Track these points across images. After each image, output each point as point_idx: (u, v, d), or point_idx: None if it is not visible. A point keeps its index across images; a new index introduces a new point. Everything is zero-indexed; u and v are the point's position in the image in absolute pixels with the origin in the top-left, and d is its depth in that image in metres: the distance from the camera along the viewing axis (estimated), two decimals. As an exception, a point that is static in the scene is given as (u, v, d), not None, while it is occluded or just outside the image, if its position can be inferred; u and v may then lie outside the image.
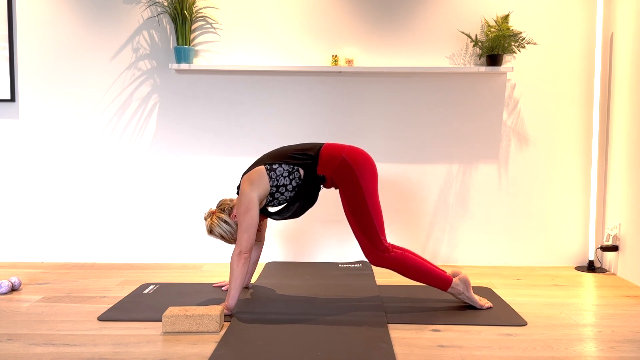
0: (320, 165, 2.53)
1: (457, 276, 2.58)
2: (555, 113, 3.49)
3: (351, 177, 2.50)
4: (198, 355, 2.03)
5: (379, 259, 2.51)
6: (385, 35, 3.47)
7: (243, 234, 2.46)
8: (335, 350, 2.06)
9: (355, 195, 2.50)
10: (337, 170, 2.51)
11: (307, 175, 2.54)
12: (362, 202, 2.49)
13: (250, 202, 2.47)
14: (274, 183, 2.52)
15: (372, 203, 2.51)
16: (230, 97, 3.51)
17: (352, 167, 2.50)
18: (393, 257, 2.51)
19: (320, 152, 2.54)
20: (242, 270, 2.45)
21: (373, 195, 2.53)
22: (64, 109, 3.52)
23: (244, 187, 2.51)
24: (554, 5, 3.44)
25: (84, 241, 3.57)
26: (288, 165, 2.53)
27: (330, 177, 2.54)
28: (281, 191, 2.54)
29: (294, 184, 2.54)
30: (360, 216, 2.50)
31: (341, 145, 2.59)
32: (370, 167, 2.56)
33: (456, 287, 2.55)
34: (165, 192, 3.56)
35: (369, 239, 2.50)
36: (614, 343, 2.18)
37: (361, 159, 2.54)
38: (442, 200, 3.54)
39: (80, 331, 2.28)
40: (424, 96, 3.49)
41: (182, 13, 3.31)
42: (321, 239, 3.57)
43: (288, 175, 2.53)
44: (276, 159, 2.55)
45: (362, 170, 2.52)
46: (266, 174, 2.51)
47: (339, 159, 2.52)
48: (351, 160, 2.52)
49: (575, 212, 3.52)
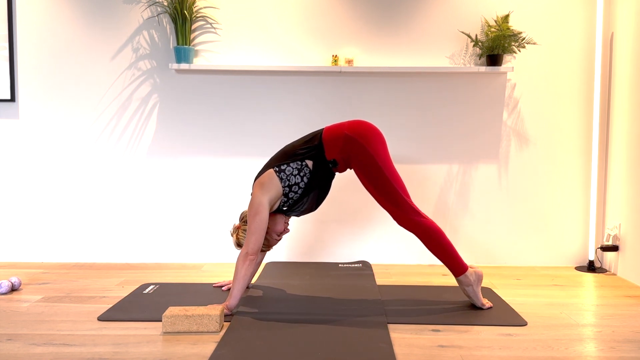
0: (327, 149, 2.52)
1: (473, 269, 2.58)
2: (555, 113, 3.49)
3: (360, 150, 2.49)
4: (198, 355, 2.03)
5: (409, 221, 2.50)
6: (385, 35, 3.47)
7: (251, 236, 2.46)
8: (335, 350, 2.06)
9: (369, 166, 2.49)
10: (344, 148, 2.50)
11: (316, 165, 2.53)
12: (379, 171, 2.48)
13: (260, 204, 2.47)
14: (285, 183, 2.52)
15: (387, 169, 2.50)
16: (230, 97, 3.51)
17: (357, 141, 2.49)
18: (423, 223, 2.50)
19: (322, 138, 2.54)
20: (247, 271, 2.45)
21: (386, 162, 2.51)
22: (64, 109, 3.52)
23: (255, 190, 2.52)
24: (554, 5, 3.44)
25: (84, 241, 3.57)
26: (295, 162, 2.53)
27: (341, 157, 2.53)
28: (294, 190, 2.54)
29: (305, 180, 2.54)
30: (381, 185, 2.49)
31: (340, 124, 2.58)
32: (375, 134, 2.54)
33: (469, 277, 2.54)
34: (165, 192, 3.56)
35: (396, 206, 2.49)
36: (614, 343, 2.18)
37: (365, 131, 2.53)
38: (442, 200, 3.54)
39: (80, 331, 2.28)
40: (424, 96, 3.49)
41: (182, 13, 3.31)
42: (321, 239, 3.57)
43: (298, 172, 2.53)
44: (283, 160, 2.55)
45: (369, 140, 2.51)
46: (276, 176, 2.52)
47: (342, 137, 2.51)
48: (354, 134, 2.51)
49: (575, 212, 3.52)
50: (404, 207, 2.49)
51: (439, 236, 2.52)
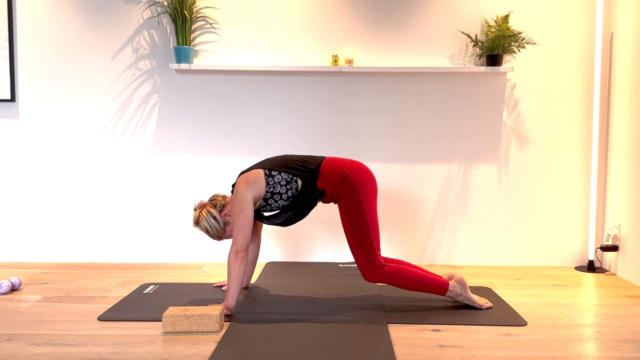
0: (321, 179, 2.53)
1: (453, 279, 2.58)
2: (555, 113, 3.49)
3: (352, 193, 2.51)
4: (198, 355, 2.03)
5: (374, 275, 2.52)
6: (385, 35, 3.47)
7: (238, 233, 2.46)
8: (335, 350, 2.06)
9: (355, 210, 2.51)
10: (338, 185, 2.52)
11: (305, 188, 2.54)
12: (362, 217, 2.50)
13: (245, 201, 2.47)
14: (269, 189, 2.52)
15: (371, 219, 2.52)
16: (230, 97, 3.51)
17: (353, 183, 2.51)
18: (387, 272, 2.52)
19: (320, 166, 2.55)
20: (240, 269, 2.45)
21: (372, 211, 2.53)
22: (64, 109, 3.52)
23: (240, 186, 2.50)
24: (554, 5, 3.44)
25: (84, 241, 3.57)
26: (287, 174, 2.53)
27: (331, 191, 2.54)
28: (275, 198, 2.54)
29: (289, 194, 2.54)
30: (359, 231, 2.50)
31: (342, 160, 2.59)
32: (371, 182, 2.57)
33: (454, 290, 2.56)
34: (165, 192, 3.56)
35: (365, 255, 2.51)
36: (614, 343, 2.18)
37: (363, 175, 2.55)
38: (442, 200, 3.54)
39: (80, 331, 2.28)
40: (424, 96, 3.49)
41: (182, 13, 3.31)
42: (321, 239, 3.57)
43: (285, 184, 2.53)
44: (276, 166, 2.55)
45: (364, 186, 2.52)
46: (264, 178, 2.51)
47: (340, 174, 2.52)
48: (352, 175, 2.52)
49: (575, 212, 3.52)
50: (372, 259, 2.51)
51: (407, 274, 2.54)
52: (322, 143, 3.52)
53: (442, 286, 2.55)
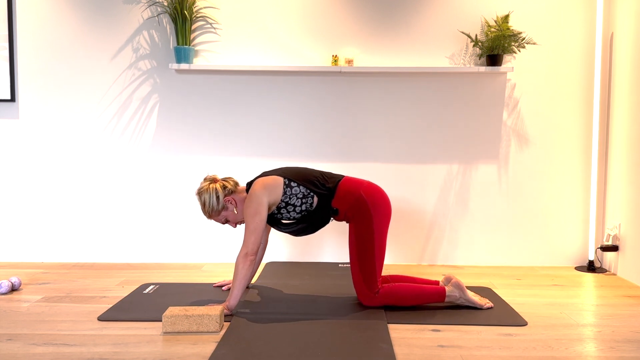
0: (336, 198, 2.53)
1: (449, 282, 2.58)
2: (555, 113, 3.49)
3: (365, 216, 2.50)
4: (198, 355, 2.03)
5: (371, 299, 2.53)
6: (385, 35, 3.47)
7: (250, 236, 2.45)
8: (335, 350, 2.06)
9: (365, 234, 2.50)
10: (352, 206, 2.52)
11: (320, 205, 2.54)
12: (370, 243, 2.50)
13: (260, 204, 2.46)
14: (285, 199, 2.51)
15: (379, 245, 2.51)
16: (230, 97, 3.51)
17: (368, 208, 2.50)
18: (382, 295, 2.52)
19: (338, 186, 2.55)
20: (247, 272, 2.45)
21: (382, 238, 2.53)
22: (64, 109, 3.52)
23: (257, 188, 2.49)
24: (554, 5, 3.44)
25: (84, 241, 3.57)
26: (306, 189, 2.52)
27: (345, 211, 2.54)
28: (288, 209, 2.54)
29: (303, 208, 2.54)
30: (364, 257, 2.50)
31: (360, 181, 2.59)
32: (386, 208, 2.56)
33: (452, 295, 2.56)
34: (165, 192, 3.56)
35: (365, 281, 2.51)
36: (614, 343, 2.18)
37: (379, 200, 2.54)
38: (442, 200, 3.54)
39: (80, 331, 2.28)
40: (424, 96, 3.49)
41: (182, 13, 3.31)
42: (321, 239, 3.57)
43: (302, 197, 2.52)
44: (296, 178, 2.54)
45: (378, 211, 2.52)
46: (282, 187, 2.51)
47: (356, 196, 2.52)
48: (368, 198, 2.52)
49: (575, 212, 3.52)
50: (370, 285, 2.51)
51: (402, 292, 2.54)
52: (322, 143, 3.52)
53: (439, 294, 2.55)
